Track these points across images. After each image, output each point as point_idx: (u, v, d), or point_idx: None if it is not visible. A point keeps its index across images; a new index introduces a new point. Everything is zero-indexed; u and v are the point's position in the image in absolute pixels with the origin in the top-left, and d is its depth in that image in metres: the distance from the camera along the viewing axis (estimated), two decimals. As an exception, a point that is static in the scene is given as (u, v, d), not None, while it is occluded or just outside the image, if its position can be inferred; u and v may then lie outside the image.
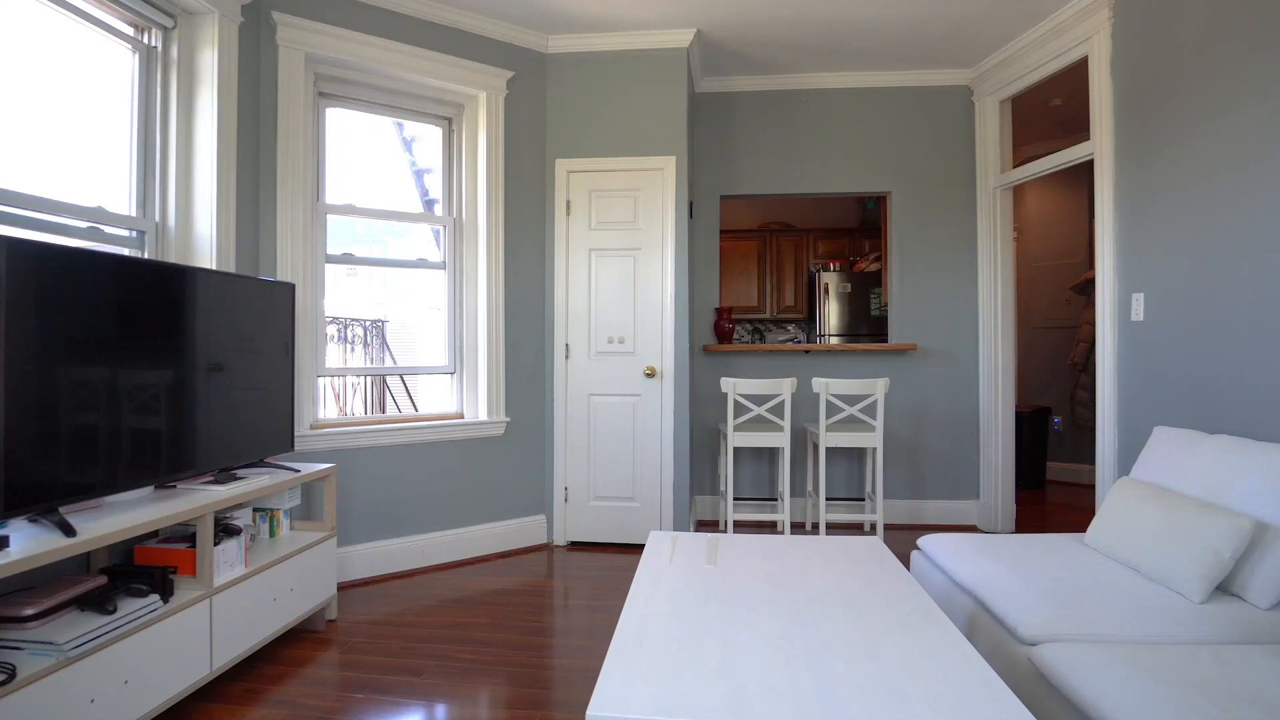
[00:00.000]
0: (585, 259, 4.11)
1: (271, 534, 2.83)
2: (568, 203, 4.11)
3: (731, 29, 3.91)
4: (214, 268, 2.79)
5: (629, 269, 4.09)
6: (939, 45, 4.13)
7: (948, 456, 4.56)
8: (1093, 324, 5.18)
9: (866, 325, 6.32)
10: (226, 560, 2.35)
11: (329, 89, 3.49)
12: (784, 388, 3.90)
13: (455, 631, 2.89)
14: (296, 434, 3.15)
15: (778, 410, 4.29)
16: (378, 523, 3.56)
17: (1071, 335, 5.76)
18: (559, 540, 4.14)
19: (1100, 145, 3.43)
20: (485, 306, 3.88)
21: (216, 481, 2.49)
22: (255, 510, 2.80)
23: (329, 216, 3.52)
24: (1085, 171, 5.65)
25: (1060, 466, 5.87)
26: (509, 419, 3.97)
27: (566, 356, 4.14)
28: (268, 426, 2.80)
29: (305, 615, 2.76)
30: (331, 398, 4.54)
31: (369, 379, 4.84)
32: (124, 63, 2.71)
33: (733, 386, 3.92)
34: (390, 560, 3.59)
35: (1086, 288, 5.34)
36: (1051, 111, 5.11)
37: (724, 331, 4.75)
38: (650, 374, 4.07)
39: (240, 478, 2.57)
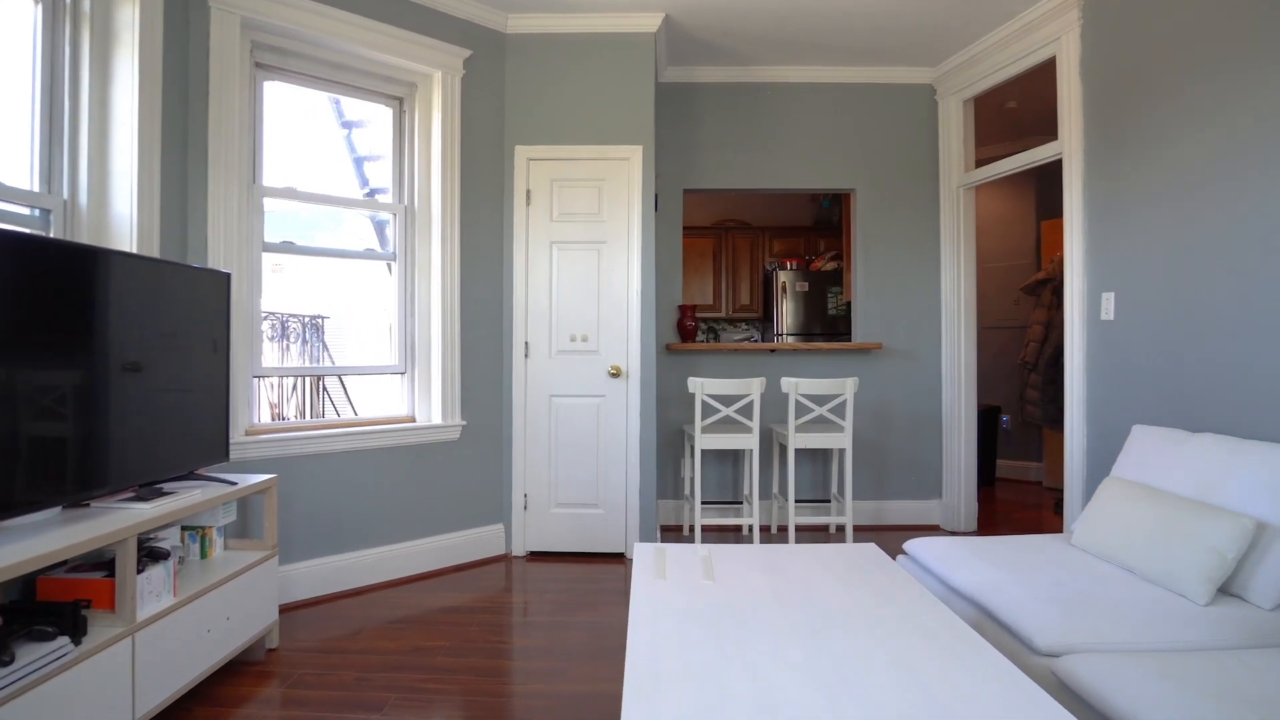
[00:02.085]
0: (546, 252, 3.89)
1: (203, 555, 2.50)
2: (528, 192, 3.88)
3: (700, 15, 3.75)
4: (134, 252, 2.45)
5: (593, 263, 3.89)
6: (906, 42, 4.09)
7: (910, 456, 4.53)
8: (1043, 324, 5.27)
9: (822, 324, 6.29)
10: (152, 589, 2.03)
11: (267, 60, 3.16)
12: (753, 388, 3.78)
13: (414, 657, 2.63)
14: (231, 441, 2.81)
15: (745, 411, 4.16)
16: (322, 537, 3.25)
17: (1020, 335, 5.86)
18: (518, 550, 3.90)
19: (1069, 145, 3.44)
20: (439, 301, 3.61)
21: (139, 498, 2.16)
22: (184, 529, 2.47)
23: (266, 201, 3.18)
24: (1034, 175, 5.77)
25: (1008, 464, 5.98)
26: (465, 422, 3.71)
27: (526, 355, 3.90)
28: (198, 434, 2.47)
29: (244, 646, 2.45)
30: (265, 401, 4.17)
31: (308, 380, 4.47)
32: (24, 13, 2.34)
33: (700, 387, 3.77)
34: (337, 578, 3.28)
35: (1036, 288, 5.43)
36: (1006, 114, 5.18)
37: (687, 330, 4.60)
38: (615, 374, 3.88)
39: (167, 493, 2.24)
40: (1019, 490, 5.60)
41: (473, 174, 3.74)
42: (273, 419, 4.37)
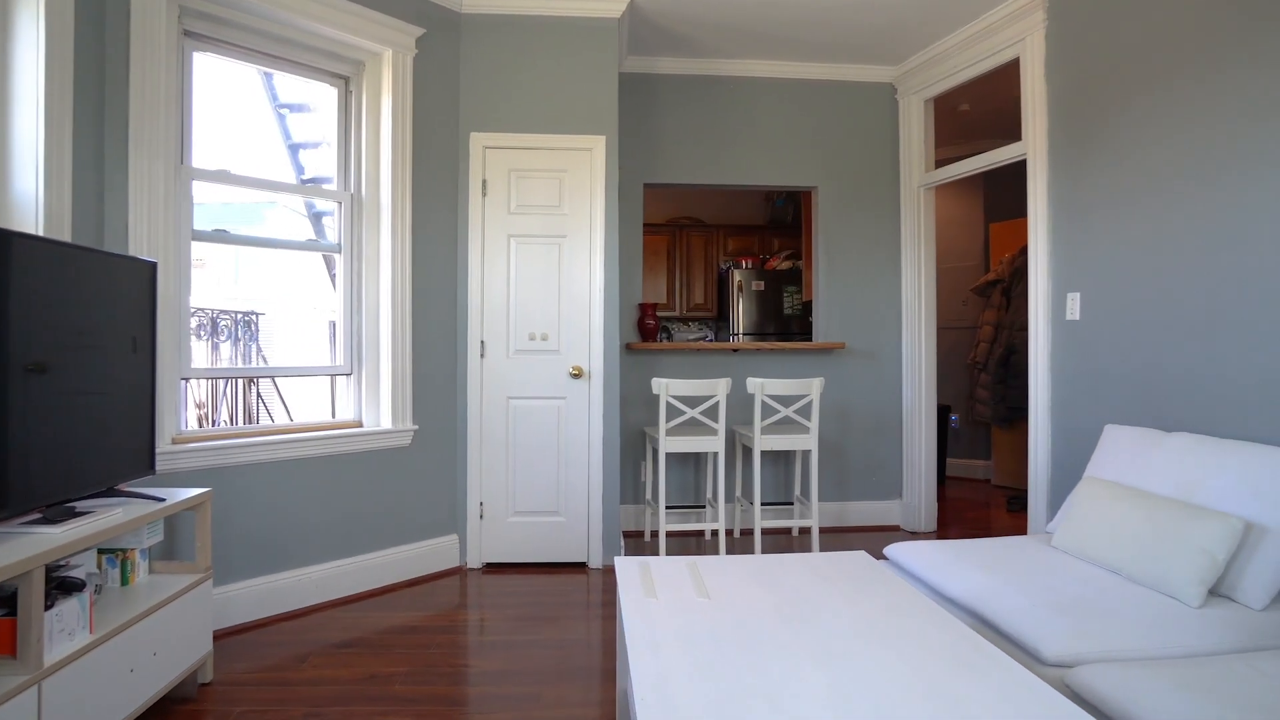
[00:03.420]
0: (504, 246, 3.68)
1: (124, 581, 2.21)
2: (484, 182, 3.66)
3: (665, 2, 3.62)
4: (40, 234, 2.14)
5: (553, 258, 3.70)
6: (869, 39, 4.05)
7: (871, 456, 4.51)
8: (993, 324, 5.37)
9: (778, 324, 6.26)
10: (63, 627, 1.75)
11: (197, 28, 2.85)
12: (719, 389, 3.66)
13: (369, 686, 2.39)
14: (157, 450, 2.50)
15: (710, 412, 4.05)
16: (261, 554, 2.96)
17: (969, 336, 5.97)
18: (473, 562, 3.68)
19: (1034, 146, 3.46)
20: (389, 297, 3.36)
21: (46, 520, 1.87)
22: (101, 552, 2.17)
23: (195, 184, 2.87)
24: (983, 178, 5.87)
25: (957, 463, 6.08)
26: (416, 427, 3.47)
27: (482, 355, 3.68)
28: (118, 443, 2.18)
29: (173, 683, 2.17)
30: (193, 407, 3.81)
31: (240, 383, 4.12)
32: (-97, -43, 2.01)
33: (665, 388, 3.63)
34: (279, 599, 2.99)
35: (986, 290, 5.53)
36: (957, 117, 5.23)
37: (647, 329, 4.46)
38: (576, 374, 3.70)
39: (81, 513, 1.96)
40: (970, 488, 5.68)
41: (425, 161, 3.50)
42: (200, 425, 4.01)
